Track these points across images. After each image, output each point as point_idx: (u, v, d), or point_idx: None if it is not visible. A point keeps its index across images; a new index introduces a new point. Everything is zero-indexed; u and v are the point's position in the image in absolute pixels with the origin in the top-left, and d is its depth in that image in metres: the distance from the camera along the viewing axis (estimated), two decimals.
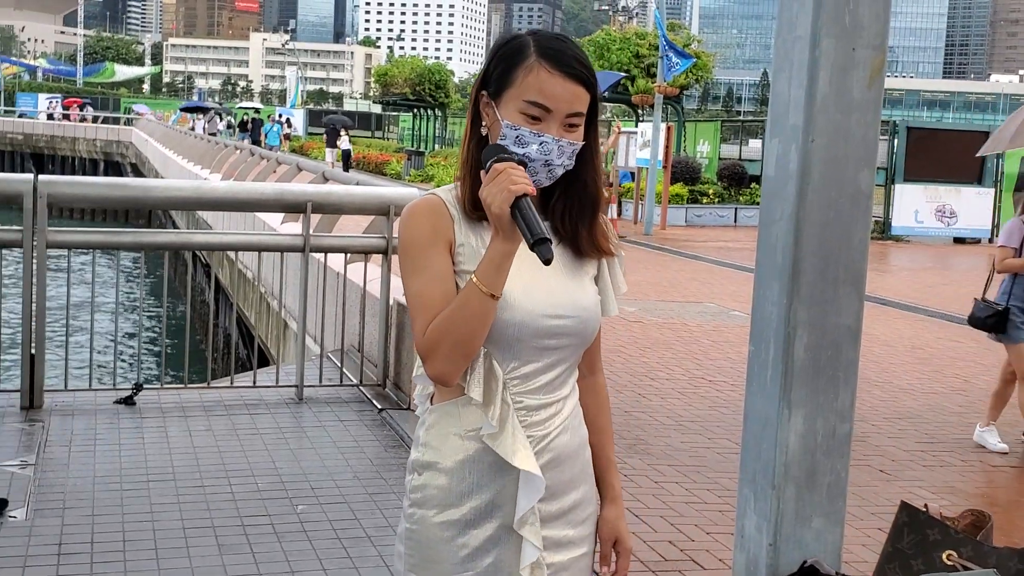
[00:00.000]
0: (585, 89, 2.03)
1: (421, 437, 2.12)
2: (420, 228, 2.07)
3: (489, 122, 2.08)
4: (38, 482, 5.12)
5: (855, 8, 1.48)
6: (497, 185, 1.90)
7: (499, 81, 2.06)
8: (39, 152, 59.18)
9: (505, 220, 1.90)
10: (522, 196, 1.90)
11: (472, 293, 1.95)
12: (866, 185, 1.53)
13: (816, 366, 1.52)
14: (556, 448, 2.08)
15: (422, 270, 2.05)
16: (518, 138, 2.01)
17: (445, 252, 2.06)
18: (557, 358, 2.10)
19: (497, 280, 1.95)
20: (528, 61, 2.03)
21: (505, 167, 1.92)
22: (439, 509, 2.06)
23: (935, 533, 1.52)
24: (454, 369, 1.99)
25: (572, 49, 2.05)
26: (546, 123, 2.01)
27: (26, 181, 6.35)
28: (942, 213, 22.72)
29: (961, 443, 6.95)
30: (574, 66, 2.02)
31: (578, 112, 2.03)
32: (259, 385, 7.14)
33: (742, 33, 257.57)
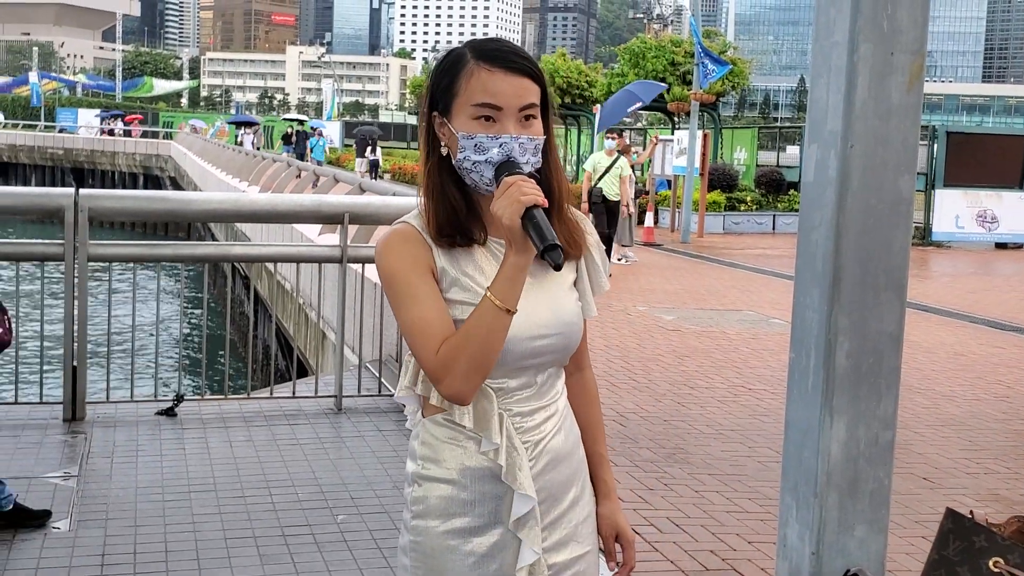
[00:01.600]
0: (532, 80, 2.01)
1: (417, 450, 2.11)
2: (401, 258, 2.03)
3: (446, 139, 2.05)
4: (81, 493, 5.18)
5: (893, 12, 1.48)
6: (507, 198, 1.89)
7: (445, 95, 2.03)
8: (79, 167, 59.88)
9: (517, 232, 1.89)
10: (533, 207, 1.88)
11: (487, 309, 1.93)
12: (906, 191, 1.52)
13: (858, 373, 1.51)
14: (552, 450, 2.09)
15: (414, 297, 2.01)
16: (476, 145, 1.98)
17: (430, 277, 2.03)
18: (542, 370, 2.10)
19: (512, 294, 1.93)
20: (467, 66, 2.01)
21: (515, 180, 1.91)
22: (443, 519, 2.05)
23: (981, 540, 1.50)
24: (471, 388, 1.97)
25: (508, 45, 2.04)
26: (500, 123, 1.98)
27: (67, 195, 6.43)
28: (983, 218, 22.48)
29: (1005, 450, 6.86)
30: (513, 59, 2.01)
31: (530, 103, 2.00)
32: (298, 395, 7.18)
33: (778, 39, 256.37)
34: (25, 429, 6.19)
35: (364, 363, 7.56)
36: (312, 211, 7.63)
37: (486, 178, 2.00)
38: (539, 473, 2.07)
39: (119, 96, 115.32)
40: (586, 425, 2.24)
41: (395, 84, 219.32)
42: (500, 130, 1.98)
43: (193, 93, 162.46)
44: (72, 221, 6.33)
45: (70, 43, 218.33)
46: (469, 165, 2.00)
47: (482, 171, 1.99)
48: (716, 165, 26.75)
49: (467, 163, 2.00)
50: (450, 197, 2.05)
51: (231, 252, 8.17)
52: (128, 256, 7.01)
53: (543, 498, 2.07)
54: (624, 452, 6.37)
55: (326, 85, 79.50)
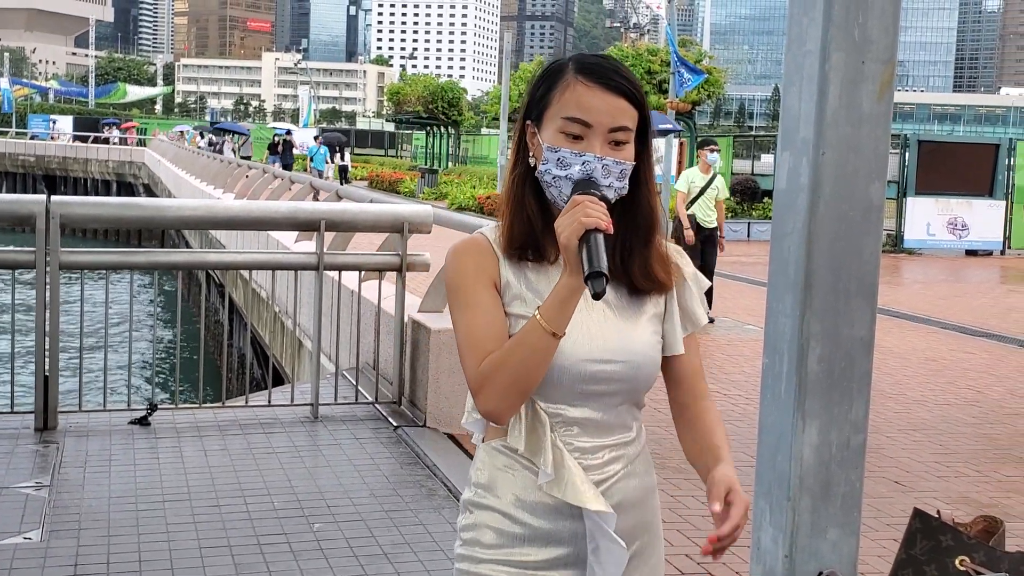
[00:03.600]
0: (629, 103, 1.95)
1: (472, 476, 2.06)
2: (464, 265, 2.00)
3: (535, 150, 2.00)
4: (53, 503, 5.14)
5: (864, 22, 1.49)
6: (570, 216, 1.83)
7: (539, 105, 1.99)
8: (51, 174, 59.44)
9: (572, 252, 1.82)
10: (593, 230, 1.80)
11: (533, 329, 1.86)
12: (877, 198, 1.54)
13: (830, 378, 1.52)
14: (618, 493, 2.01)
15: (469, 306, 1.97)
16: (559, 160, 1.93)
17: (491, 288, 1.99)
18: (607, 401, 2.01)
19: (561, 317, 1.86)
20: (566, 78, 1.96)
21: (583, 199, 1.84)
22: (489, 550, 1.99)
23: (948, 539, 1.52)
24: (507, 406, 1.90)
25: (612, 63, 1.98)
26: (588, 140, 1.93)
27: (38, 202, 6.39)
28: (954, 226, 22.67)
29: (975, 454, 6.92)
30: (613, 78, 1.94)
31: (622, 127, 1.94)
32: (274, 404, 7.15)
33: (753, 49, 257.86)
34: None
35: (341, 371, 7.55)
36: (288, 218, 7.62)
37: (564, 194, 1.92)
38: None
39: (92, 102, 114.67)
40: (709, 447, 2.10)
41: (372, 91, 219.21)
42: (586, 147, 1.92)
43: (167, 99, 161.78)
44: (44, 228, 6.29)
45: (42, 49, 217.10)
46: (550, 179, 1.95)
47: (561, 187, 1.93)
48: None
49: (548, 176, 1.95)
50: (528, 209, 2.00)
51: (206, 259, 8.14)
52: (101, 264, 6.97)
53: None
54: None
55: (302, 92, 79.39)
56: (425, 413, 6.72)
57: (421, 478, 5.78)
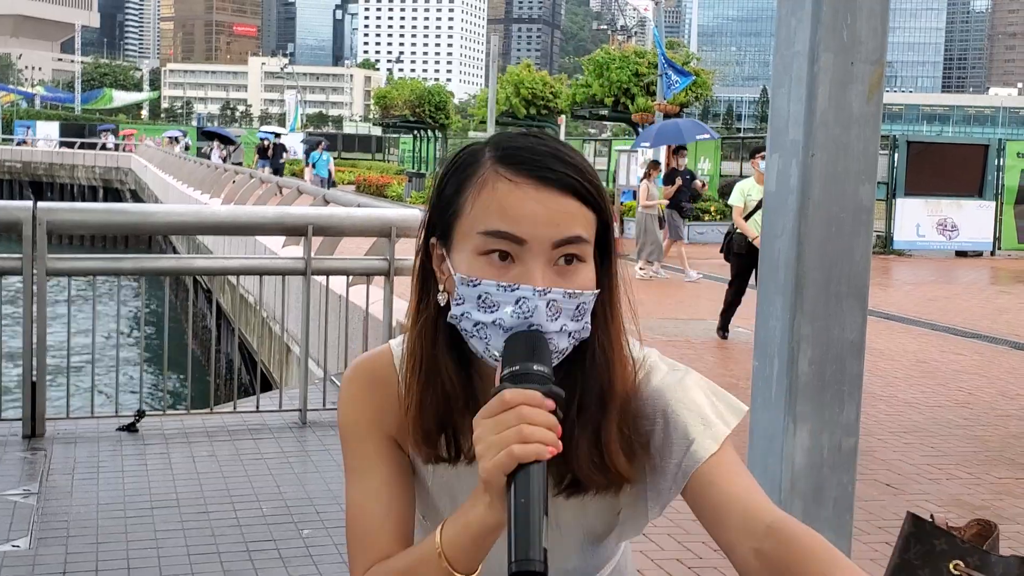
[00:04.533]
0: (578, 201, 1.29)
1: None
2: (357, 410, 1.43)
3: (445, 280, 1.34)
4: (41, 511, 5.11)
5: (853, 23, 1.48)
6: (497, 430, 1.18)
7: (446, 212, 1.33)
8: (38, 180, 59.30)
9: (495, 489, 1.19)
10: (533, 462, 1.17)
11: (429, 560, 1.28)
12: (867, 199, 1.53)
13: (821, 381, 1.51)
14: None
15: (359, 472, 1.41)
16: (481, 298, 1.27)
17: (393, 448, 1.41)
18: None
19: (472, 555, 1.27)
20: (482, 171, 1.31)
21: (519, 401, 1.18)
22: None
23: (941, 543, 1.51)
24: None
25: (549, 144, 1.32)
26: (522, 264, 1.27)
27: (25, 208, 6.35)
28: (944, 227, 22.72)
29: (967, 456, 6.93)
30: (552, 166, 1.28)
31: (573, 237, 1.28)
32: (262, 410, 7.12)
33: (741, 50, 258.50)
34: None
35: (329, 376, 7.52)
36: (275, 223, 7.60)
37: (494, 348, 1.28)
38: None
39: (78, 108, 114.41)
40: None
41: (359, 95, 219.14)
42: (520, 275, 1.27)
43: (154, 105, 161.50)
44: (30, 235, 6.26)
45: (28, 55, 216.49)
46: (470, 327, 1.30)
47: (489, 336, 1.28)
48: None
49: (466, 322, 1.30)
50: (444, 377, 1.35)
51: (193, 265, 8.11)
52: (88, 270, 6.94)
53: None
54: None
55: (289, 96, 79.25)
56: None
57: None
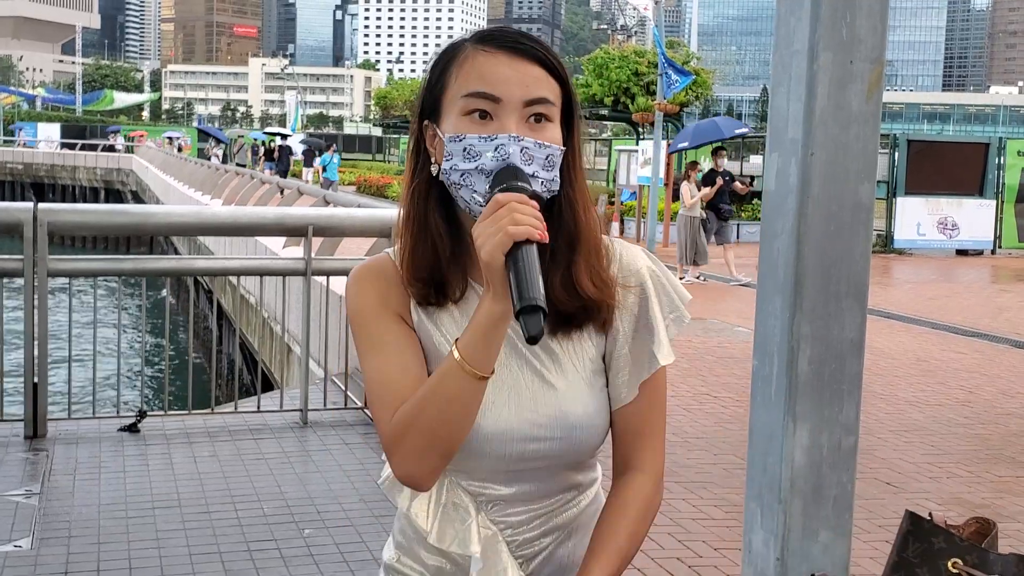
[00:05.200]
0: (545, 71, 1.54)
1: (394, 537, 1.81)
2: (365, 297, 1.63)
3: (436, 153, 1.57)
4: (43, 511, 5.11)
5: (852, 21, 1.49)
6: (494, 223, 1.39)
7: (434, 92, 1.58)
8: (39, 181, 59.35)
9: (496, 271, 1.39)
10: (524, 242, 1.38)
11: (451, 372, 1.46)
12: (867, 198, 1.53)
13: (820, 379, 1.52)
14: (555, 561, 1.73)
15: (375, 347, 1.60)
16: (465, 149, 1.50)
17: (400, 323, 1.62)
18: (541, 475, 1.67)
19: (485, 354, 1.45)
20: (463, 52, 1.56)
21: (509, 199, 1.41)
22: None
23: (940, 541, 1.52)
24: (428, 471, 1.54)
25: (519, 30, 1.60)
26: (499, 120, 1.51)
27: (26, 209, 6.36)
28: (944, 225, 22.73)
29: (967, 455, 6.93)
30: (522, 41, 1.54)
31: (540, 98, 1.52)
32: (263, 410, 7.13)
33: (741, 50, 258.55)
34: None
35: (330, 376, 7.53)
36: (276, 224, 7.60)
37: (479, 195, 1.50)
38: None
39: (79, 110, 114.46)
40: (601, 531, 1.70)
41: (359, 95, 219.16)
42: (498, 129, 1.50)
43: (155, 106, 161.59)
44: (32, 236, 6.27)
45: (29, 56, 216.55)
46: (457, 177, 1.52)
47: (474, 184, 1.50)
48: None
49: (455, 174, 1.52)
50: (433, 231, 1.58)
51: (194, 266, 8.11)
52: (89, 271, 6.94)
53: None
54: None
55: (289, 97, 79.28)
56: None
57: None
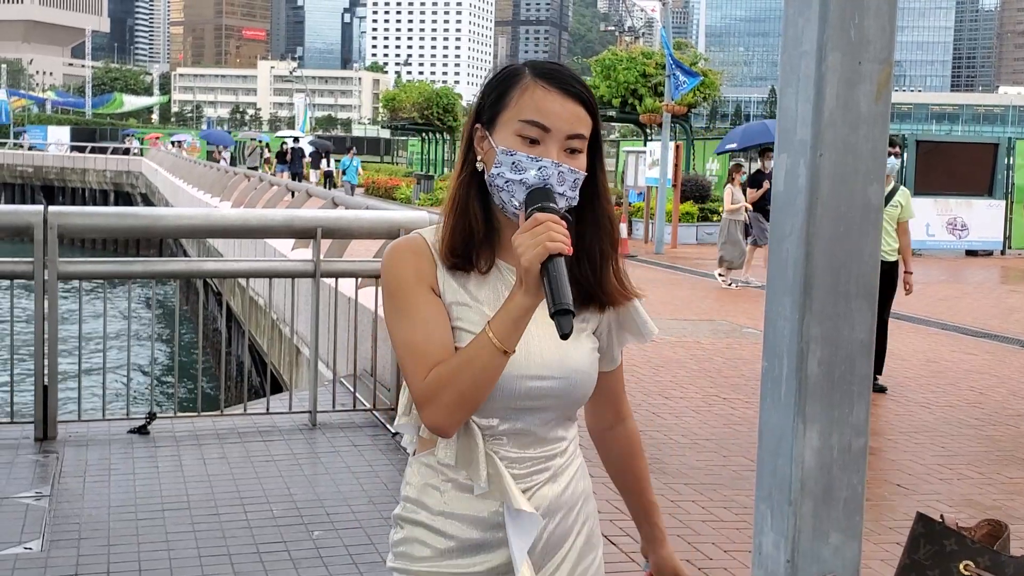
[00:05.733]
0: (586, 111, 1.92)
1: (402, 490, 2.06)
2: (402, 269, 1.95)
3: (484, 154, 1.94)
4: (53, 513, 5.13)
5: (860, 22, 1.49)
6: (534, 237, 1.76)
7: (493, 107, 1.94)
8: (49, 184, 59.50)
9: (533, 276, 1.77)
10: (557, 255, 1.76)
11: (484, 346, 1.82)
12: (875, 199, 1.53)
13: (830, 381, 1.51)
14: (542, 499, 1.98)
15: (409, 314, 1.92)
16: (514, 164, 1.88)
17: (431, 293, 1.94)
18: (539, 416, 1.97)
19: (514, 335, 1.82)
20: (524, 81, 1.92)
21: (547, 219, 1.78)
22: (424, 562, 1.97)
23: (952, 543, 1.51)
24: (456, 421, 1.88)
25: (569, 70, 1.95)
26: (545, 146, 1.88)
27: (36, 212, 6.38)
28: (953, 226, 22.67)
29: (978, 456, 6.91)
30: (573, 84, 1.92)
31: (579, 134, 1.90)
32: (272, 412, 7.14)
33: (749, 51, 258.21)
34: None
35: (338, 378, 7.53)
36: (284, 226, 7.61)
37: (516, 199, 1.88)
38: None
39: (89, 113, 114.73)
40: (634, 477, 2.26)
41: (367, 98, 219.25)
42: (543, 153, 1.88)
43: (164, 109, 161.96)
44: (41, 239, 6.28)
45: (39, 60, 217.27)
46: (502, 182, 1.90)
47: (514, 191, 1.89)
48: (688, 176, 26.87)
49: (500, 180, 1.90)
50: (471, 216, 1.95)
51: (203, 268, 8.12)
52: (99, 273, 6.96)
53: (531, 548, 1.95)
54: (599, 463, 6.36)
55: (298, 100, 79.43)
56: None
57: None
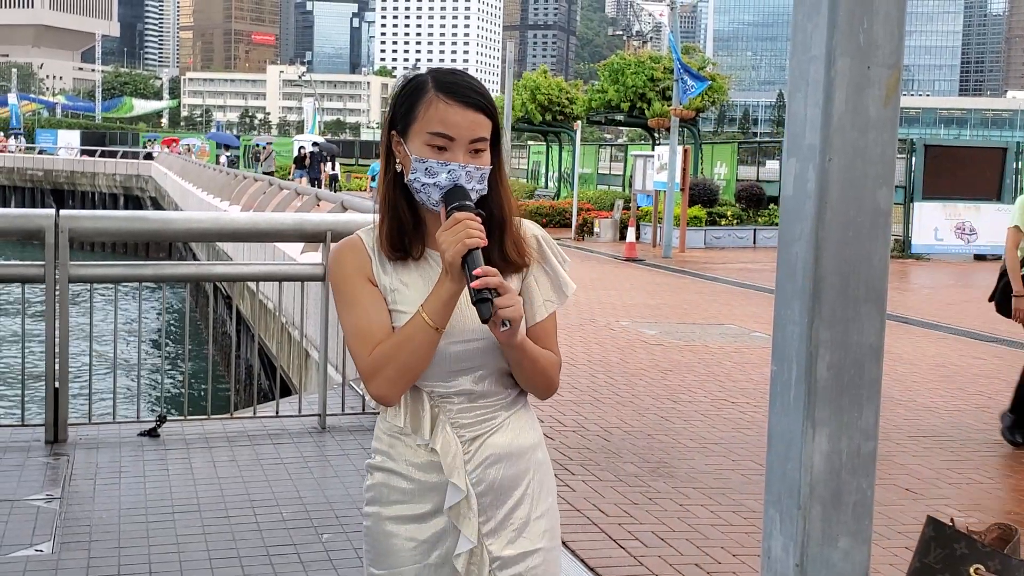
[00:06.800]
0: (485, 115, 2.19)
1: (373, 443, 2.35)
2: (344, 265, 2.26)
3: (401, 158, 2.23)
4: (64, 515, 5.14)
5: (869, 27, 1.49)
6: (454, 235, 2.08)
7: (404, 119, 2.22)
8: (59, 188, 59.61)
9: (456, 267, 2.08)
10: (474, 248, 2.07)
11: (419, 327, 2.14)
12: (884, 203, 1.54)
13: (839, 385, 1.52)
14: (492, 447, 2.26)
15: (354, 301, 2.23)
16: (427, 169, 2.17)
17: (370, 284, 2.24)
18: (475, 375, 2.25)
19: (444, 315, 2.13)
20: (427, 96, 2.19)
21: (464, 218, 2.09)
22: (388, 506, 2.26)
23: (962, 547, 1.51)
24: (397, 392, 2.20)
25: (468, 80, 2.23)
26: (452, 152, 2.17)
27: (47, 216, 6.40)
28: (962, 230, 22.62)
29: (987, 461, 6.89)
30: (471, 96, 2.18)
31: (480, 137, 2.19)
32: (282, 415, 7.15)
33: (757, 55, 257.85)
34: (7, 452, 6.15)
35: (348, 381, 7.54)
36: (294, 229, 7.62)
37: (433, 199, 2.18)
38: (478, 467, 2.24)
39: (99, 117, 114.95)
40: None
41: (376, 102, 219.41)
42: (450, 158, 2.16)
43: (173, 113, 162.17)
44: (52, 242, 6.31)
45: (49, 64, 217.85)
46: (419, 186, 2.19)
47: (430, 192, 2.18)
48: (697, 180, 26.85)
49: (417, 184, 2.19)
50: (400, 211, 2.25)
51: (213, 271, 8.14)
52: (109, 276, 6.98)
53: (483, 491, 2.24)
54: (608, 467, 6.37)
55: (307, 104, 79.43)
56: None
57: None
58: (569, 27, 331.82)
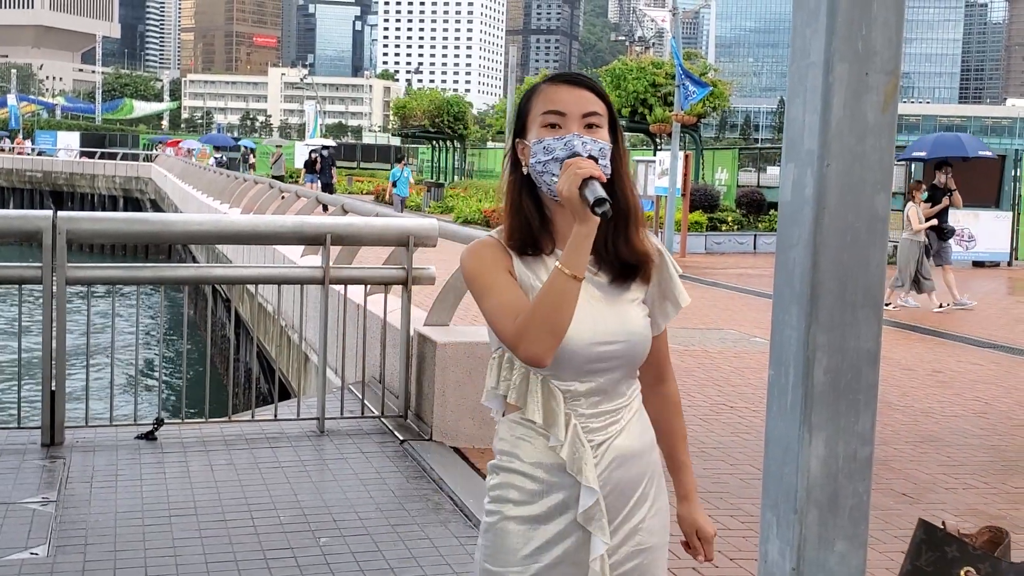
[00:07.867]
0: (593, 94, 2.28)
1: (497, 445, 2.36)
2: (483, 258, 2.30)
3: (526, 159, 2.31)
4: (60, 519, 5.14)
5: (868, 34, 1.49)
6: (565, 174, 2.13)
7: (521, 119, 2.33)
8: (58, 189, 59.59)
9: (576, 202, 2.11)
10: (589, 178, 2.10)
11: (557, 276, 2.15)
12: (882, 209, 1.54)
13: (836, 390, 1.52)
14: (617, 449, 2.30)
15: (493, 286, 2.26)
16: (545, 147, 2.24)
17: (508, 273, 2.29)
18: (609, 376, 2.29)
19: (579, 261, 2.14)
20: (539, 88, 2.33)
21: (574, 160, 2.16)
22: (513, 505, 2.29)
23: (953, 550, 1.52)
24: (546, 348, 2.17)
25: (577, 72, 2.34)
26: (565, 127, 2.24)
27: (45, 217, 6.40)
28: (960, 237, 22.61)
29: (983, 466, 6.89)
30: (579, 77, 2.30)
31: (592, 111, 2.26)
32: (280, 418, 7.15)
33: (758, 61, 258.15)
34: (2, 454, 6.15)
35: (347, 385, 7.54)
36: (294, 232, 7.62)
37: (555, 176, 2.21)
38: (604, 470, 2.27)
39: (99, 118, 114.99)
40: (668, 433, 2.48)
41: (378, 105, 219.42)
42: (565, 132, 2.24)
43: (174, 115, 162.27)
44: (50, 244, 6.30)
45: (49, 65, 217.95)
46: (540, 167, 2.25)
47: (551, 169, 2.22)
48: (698, 186, 26.88)
49: (538, 165, 2.25)
50: (525, 209, 2.31)
51: (212, 274, 8.14)
52: (107, 279, 6.97)
53: (608, 492, 2.27)
54: None
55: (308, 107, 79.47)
56: (431, 427, 6.71)
57: (427, 492, 5.77)
58: (572, 32, 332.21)
